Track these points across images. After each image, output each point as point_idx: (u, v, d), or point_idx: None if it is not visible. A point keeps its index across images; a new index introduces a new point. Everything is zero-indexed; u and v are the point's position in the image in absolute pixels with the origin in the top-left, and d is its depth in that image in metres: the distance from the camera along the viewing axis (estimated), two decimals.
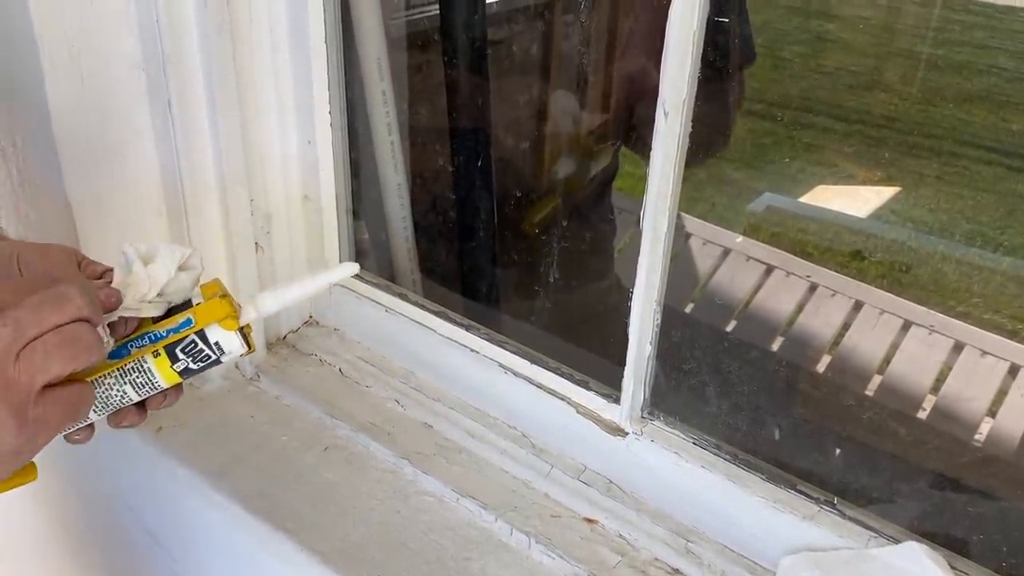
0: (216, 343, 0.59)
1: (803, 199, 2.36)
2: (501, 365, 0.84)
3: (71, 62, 0.74)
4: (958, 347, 1.51)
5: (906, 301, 1.63)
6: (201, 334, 0.59)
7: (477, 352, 0.86)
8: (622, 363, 0.75)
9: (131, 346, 0.58)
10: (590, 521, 0.76)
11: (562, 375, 0.81)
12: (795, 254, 1.96)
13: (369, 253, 1.05)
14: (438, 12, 1.00)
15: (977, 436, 1.42)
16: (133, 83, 0.78)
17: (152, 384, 0.59)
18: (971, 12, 3.10)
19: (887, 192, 2.45)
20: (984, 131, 2.89)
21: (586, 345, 0.92)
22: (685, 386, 0.86)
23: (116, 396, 0.59)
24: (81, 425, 0.60)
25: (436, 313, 0.89)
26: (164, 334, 0.58)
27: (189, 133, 0.79)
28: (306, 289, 0.62)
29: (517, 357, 0.83)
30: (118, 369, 0.58)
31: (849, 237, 2.26)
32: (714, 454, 0.73)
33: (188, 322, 0.58)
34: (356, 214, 0.97)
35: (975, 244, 2.43)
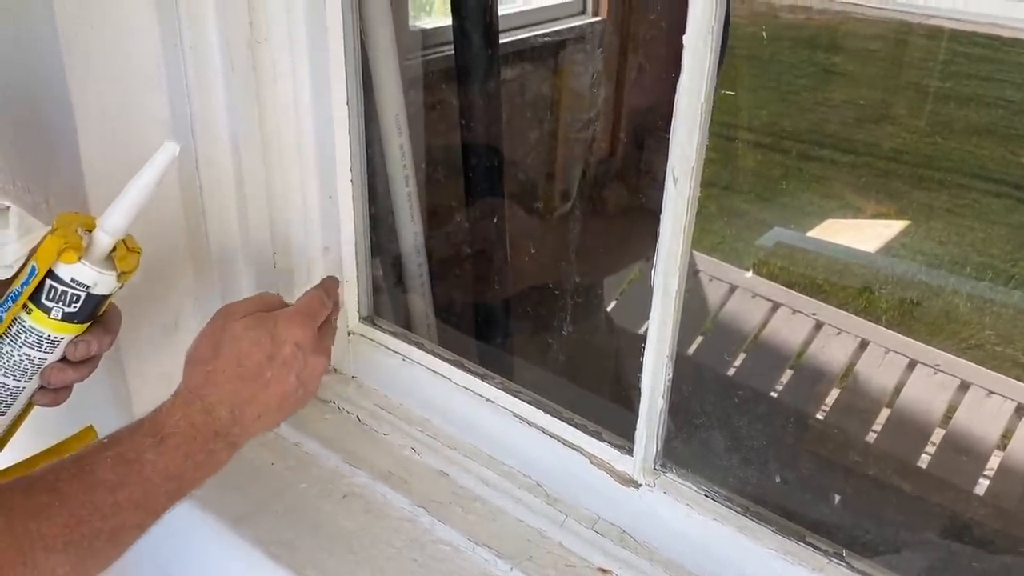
0: (72, 279, 0.57)
1: (812, 233, 2.36)
2: (515, 415, 0.86)
3: (103, 122, 0.77)
4: (964, 386, 1.51)
5: (912, 340, 1.64)
6: (53, 275, 0.57)
7: (492, 401, 0.87)
8: (633, 408, 0.77)
9: (1, 312, 0.58)
10: (604, 571, 0.78)
11: (575, 425, 0.82)
12: (805, 289, 1.96)
13: (386, 301, 1.08)
14: (455, 72, 1.03)
15: (984, 475, 1.42)
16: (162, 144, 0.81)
17: (48, 339, 0.58)
18: (977, 44, 3.11)
19: (897, 225, 2.45)
20: (992, 163, 2.89)
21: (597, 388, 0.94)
22: (696, 439, 0.87)
23: (24, 360, 0.59)
24: (30, 392, 0.60)
25: (451, 362, 0.91)
26: (20, 289, 0.58)
27: (215, 194, 0.83)
28: (141, 186, 0.59)
29: (531, 407, 0.85)
30: (2, 335, 0.58)
31: (859, 271, 2.26)
32: (726, 506, 0.75)
33: (33, 270, 0.57)
34: (374, 262, 1.00)
35: (986, 277, 2.43)
